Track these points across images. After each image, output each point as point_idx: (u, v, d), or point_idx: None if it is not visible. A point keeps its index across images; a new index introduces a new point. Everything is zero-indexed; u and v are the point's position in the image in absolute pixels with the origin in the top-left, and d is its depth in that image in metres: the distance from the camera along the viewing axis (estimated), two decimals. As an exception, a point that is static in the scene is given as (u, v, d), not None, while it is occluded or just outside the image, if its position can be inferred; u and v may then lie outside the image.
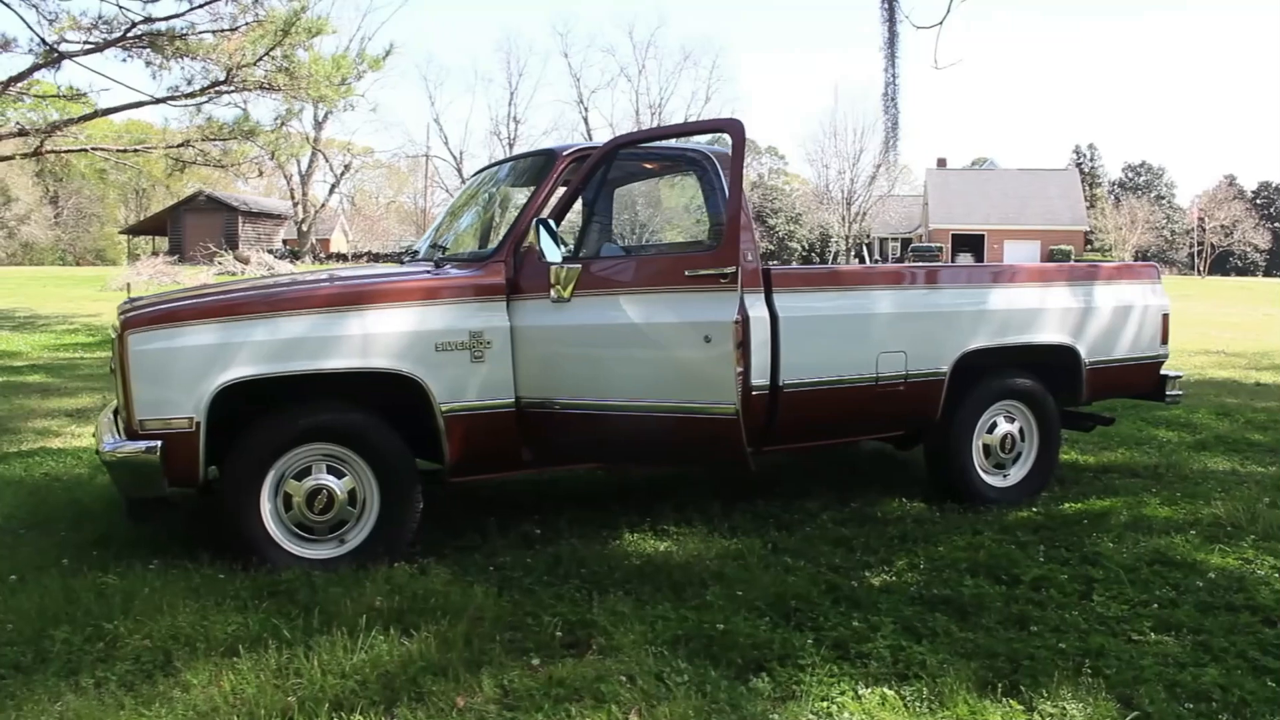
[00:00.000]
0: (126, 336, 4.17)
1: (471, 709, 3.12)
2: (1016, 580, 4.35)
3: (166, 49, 16.70)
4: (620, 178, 6.04)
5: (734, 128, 4.28)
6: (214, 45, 15.83)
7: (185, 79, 17.28)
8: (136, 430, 4.16)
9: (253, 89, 16.82)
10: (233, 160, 17.19)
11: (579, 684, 3.26)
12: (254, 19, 16.32)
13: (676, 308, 4.36)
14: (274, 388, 4.33)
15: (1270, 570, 4.49)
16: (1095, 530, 5.06)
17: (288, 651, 3.46)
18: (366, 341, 4.33)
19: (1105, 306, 5.89)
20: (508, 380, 4.53)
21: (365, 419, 4.42)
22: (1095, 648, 3.61)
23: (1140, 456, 6.98)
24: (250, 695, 3.16)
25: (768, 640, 3.60)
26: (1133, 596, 4.15)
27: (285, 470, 4.36)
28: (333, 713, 3.07)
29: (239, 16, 16.68)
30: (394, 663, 3.40)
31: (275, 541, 4.34)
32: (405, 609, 3.85)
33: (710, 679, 3.31)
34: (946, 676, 3.32)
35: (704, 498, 5.56)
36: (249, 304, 4.36)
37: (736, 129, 4.28)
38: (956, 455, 5.59)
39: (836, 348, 5.13)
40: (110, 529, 4.81)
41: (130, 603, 3.86)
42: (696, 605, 3.95)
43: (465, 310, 4.48)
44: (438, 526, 4.97)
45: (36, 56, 16.73)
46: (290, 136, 18.11)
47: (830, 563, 4.61)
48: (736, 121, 4.24)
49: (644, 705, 3.11)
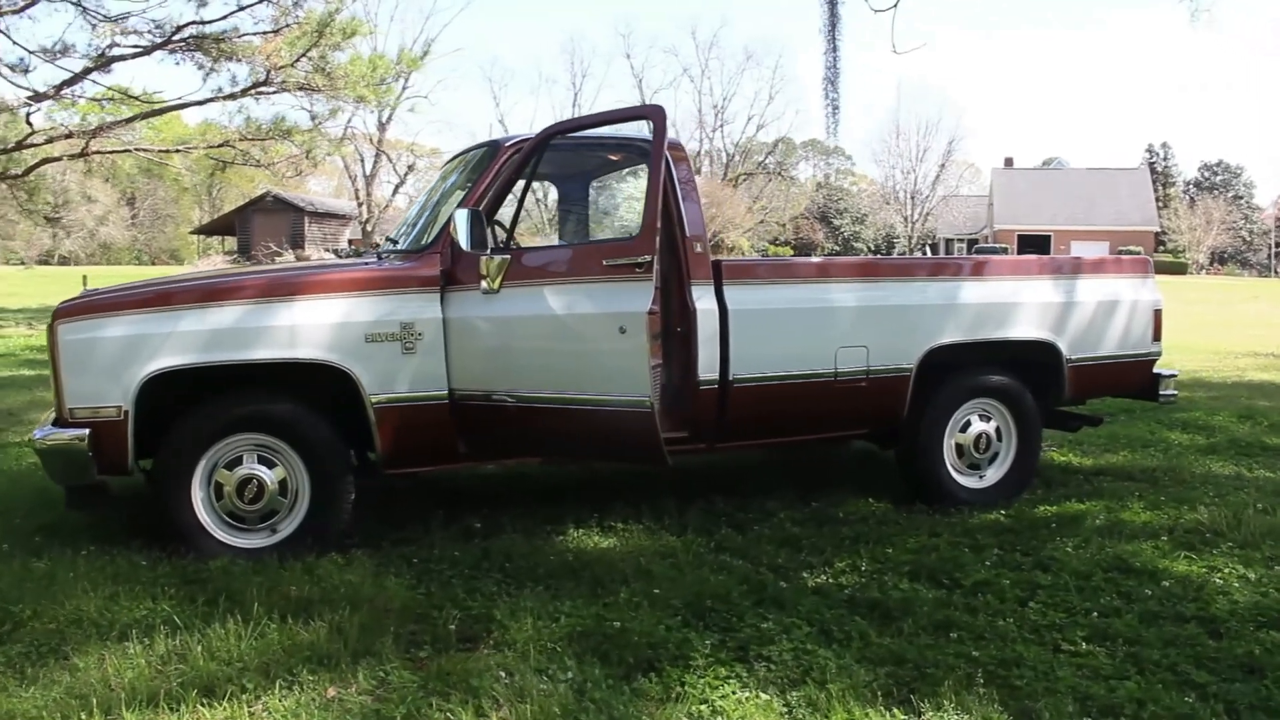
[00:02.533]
0: (56, 326, 4.21)
1: (341, 700, 3.07)
2: (956, 585, 4.19)
3: (212, 51, 17.05)
4: (593, 169, 5.98)
5: (655, 113, 4.18)
6: (254, 47, 16.09)
7: (231, 80, 17.66)
8: (66, 418, 4.20)
9: (293, 90, 17.06)
10: (269, 159, 17.51)
11: (457, 679, 3.19)
12: (293, 21, 16.56)
13: (595, 298, 4.27)
14: (205, 377, 4.33)
15: (1236, 579, 4.26)
16: (1061, 535, 4.86)
17: (181, 637, 3.46)
18: (295, 332, 4.32)
19: (1089, 301, 5.66)
20: (440, 372, 4.48)
21: (294, 409, 4.40)
22: (1013, 657, 3.44)
23: (1142, 459, 6.71)
24: (129, 679, 3.16)
25: (664, 640, 3.49)
26: (1075, 604, 3.96)
27: (217, 459, 4.37)
28: (201, 698, 3.05)
29: (280, 19, 16.96)
30: (279, 651, 3.37)
31: (207, 530, 4.35)
32: (315, 599, 3.82)
33: (593, 677, 3.22)
34: (837, 683, 3.19)
35: (662, 495, 5.45)
36: (177, 294, 4.38)
37: (658, 114, 4.19)
38: (925, 455, 5.41)
39: (791, 342, 5.00)
40: (63, 518, 4.86)
41: (49, 587, 3.90)
42: (608, 603, 3.87)
43: (396, 301, 4.45)
44: (384, 519, 4.96)
45: (89, 60, 17.19)
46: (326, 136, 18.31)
47: (771, 562, 4.48)
48: (658, 107, 4.15)
49: (514, 702, 3.03)
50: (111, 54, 17.35)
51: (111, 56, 17.33)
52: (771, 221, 72.27)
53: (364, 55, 18.31)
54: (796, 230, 71.49)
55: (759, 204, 71.27)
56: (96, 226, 70.11)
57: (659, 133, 4.21)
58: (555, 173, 5.92)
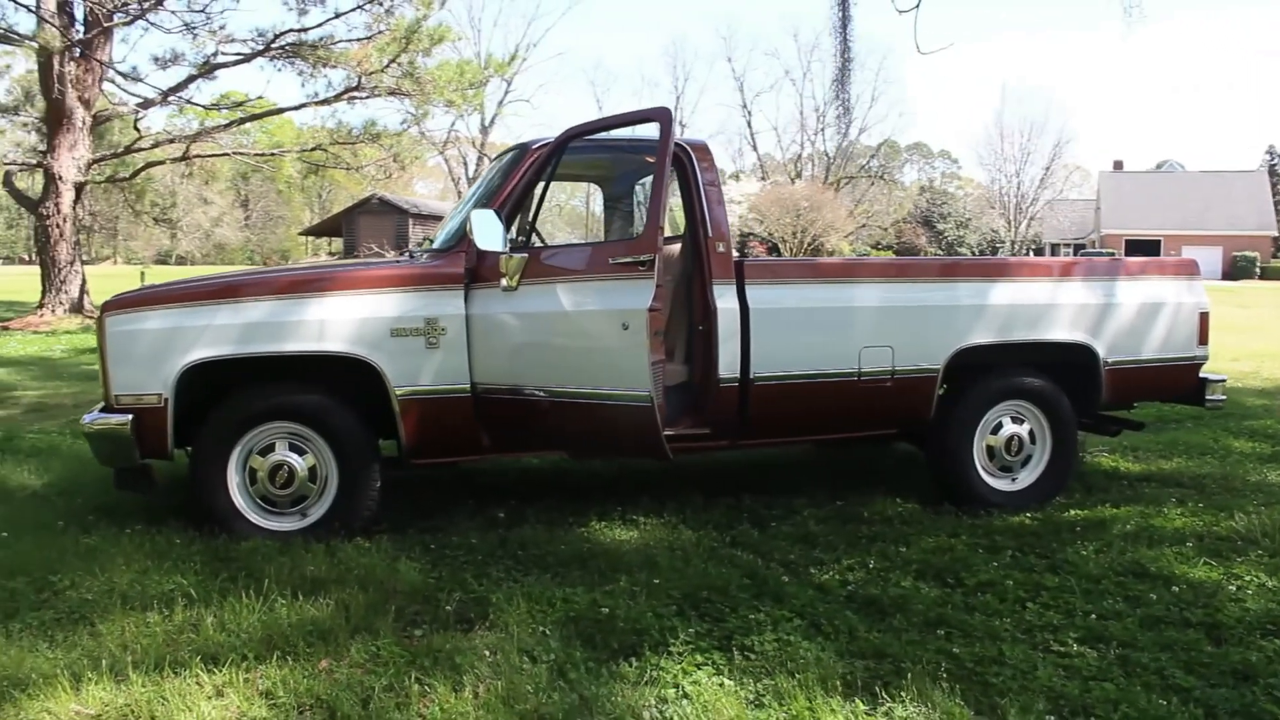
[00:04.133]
0: (104, 319, 4.52)
1: (331, 670, 3.26)
2: (960, 584, 4.19)
3: (309, 57, 17.71)
4: (632, 172, 6.09)
5: (662, 116, 4.29)
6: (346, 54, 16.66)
7: (328, 85, 18.33)
8: (112, 405, 4.50)
9: (383, 95, 17.59)
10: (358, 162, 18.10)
11: (444, 656, 3.35)
12: (385, 28, 17.08)
13: (601, 295, 4.40)
14: (240, 368, 4.59)
15: (1255, 587, 4.17)
16: (1084, 539, 4.80)
17: (198, 609, 3.69)
18: (324, 326, 4.55)
19: (1130, 304, 5.55)
20: (463, 366, 4.65)
21: (323, 400, 4.63)
22: (994, 655, 3.46)
23: (1196, 466, 6.53)
24: (143, 646, 3.40)
25: (649, 626, 3.59)
26: (1076, 606, 3.93)
27: (251, 446, 4.63)
28: (204, 664, 3.26)
29: (372, 25, 17.52)
30: (286, 625, 3.58)
31: (241, 513, 4.61)
32: (330, 578, 4.03)
33: (574, 659, 3.35)
34: (809, 673, 3.24)
35: (691, 491, 5.55)
36: (216, 290, 4.65)
37: (664, 116, 4.29)
38: (954, 456, 5.39)
39: (813, 341, 5.04)
40: (119, 501, 5.18)
41: (90, 561, 4.19)
42: (607, 590, 3.98)
43: (421, 298, 4.64)
44: (415, 509, 5.17)
45: (193, 68, 18.02)
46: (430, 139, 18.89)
47: (783, 558, 4.54)
48: (664, 110, 4.25)
49: (491, 679, 3.17)
50: (215, 61, 18.18)
51: (215, 64, 18.15)
52: (873, 225, 71.41)
53: (453, 61, 18.76)
54: (899, 234, 70.43)
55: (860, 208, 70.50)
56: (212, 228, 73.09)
57: (664, 135, 4.32)
58: (592, 175, 6.05)
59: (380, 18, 17.55)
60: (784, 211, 57.70)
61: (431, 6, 17.08)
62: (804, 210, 57.57)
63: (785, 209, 57.88)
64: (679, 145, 5.12)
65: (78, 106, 16.78)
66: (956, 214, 74.23)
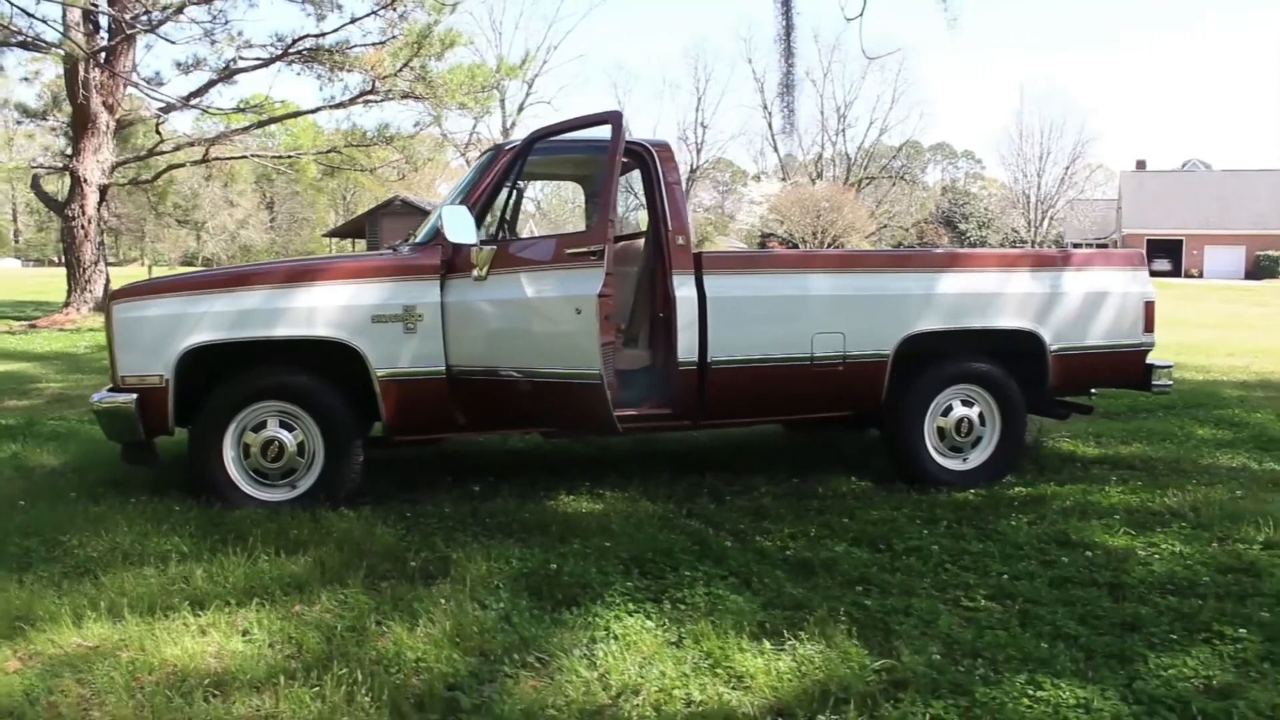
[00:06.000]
0: (111, 306, 4.95)
1: (301, 614, 3.65)
2: (890, 549, 4.53)
3: (326, 61, 18.22)
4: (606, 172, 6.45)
5: (614, 118, 4.67)
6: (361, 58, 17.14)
7: (344, 89, 18.84)
8: (119, 385, 4.93)
9: (397, 98, 18.06)
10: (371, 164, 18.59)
11: (404, 603, 3.74)
12: (398, 33, 17.55)
13: (558, 283, 4.78)
14: (235, 352, 5.00)
15: (1168, 554, 4.48)
16: (1020, 513, 5.12)
17: (189, 564, 4.10)
18: (312, 313, 4.95)
19: (1075, 293, 5.86)
20: (438, 350, 5.04)
21: (310, 381, 5.03)
22: (902, 606, 3.80)
23: (1154, 450, 6.81)
24: (139, 593, 3.80)
25: (591, 581, 3.97)
26: (992, 569, 4.26)
27: (245, 423, 5.04)
28: (191, 606, 3.67)
29: (386, 30, 18.00)
30: (267, 578, 3.98)
31: (236, 484, 5.02)
32: (310, 540, 4.44)
33: (519, 607, 3.73)
34: (728, 619, 3.61)
35: (659, 470, 5.91)
36: (215, 279, 5.07)
37: (616, 119, 4.67)
38: (906, 437, 5.72)
39: (767, 328, 5.39)
40: (125, 474, 5.60)
41: (97, 525, 4.61)
42: (562, 552, 4.35)
43: (399, 287, 5.03)
44: (399, 483, 5.57)
45: (213, 73, 18.57)
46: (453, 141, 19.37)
47: (733, 527, 4.89)
48: (616, 113, 4.63)
49: (443, 621, 3.56)
50: (235, 66, 18.72)
51: (235, 69, 18.69)
52: (894, 226, 71.50)
53: (464, 65, 19.22)
54: (920, 235, 70.46)
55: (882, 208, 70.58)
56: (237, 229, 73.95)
57: (615, 136, 4.69)
58: (570, 173, 6.42)
59: (394, 23, 18.03)
60: (804, 212, 57.96)
61: (443, 12, 17.51)
62: (824, 211, 57.84)
63: (806, 209, 58.14)
64: (642, 145, 5.49)
65: (102, 111, 17.36)
66: (978, 214, 74.09)
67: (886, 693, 3.09)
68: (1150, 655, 3.38)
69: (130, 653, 3.30)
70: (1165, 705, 3.03)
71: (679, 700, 3.05)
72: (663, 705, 3.02)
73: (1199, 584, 4.05)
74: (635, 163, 5.56)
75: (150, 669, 3.18)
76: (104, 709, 2.94)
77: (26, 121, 21.81)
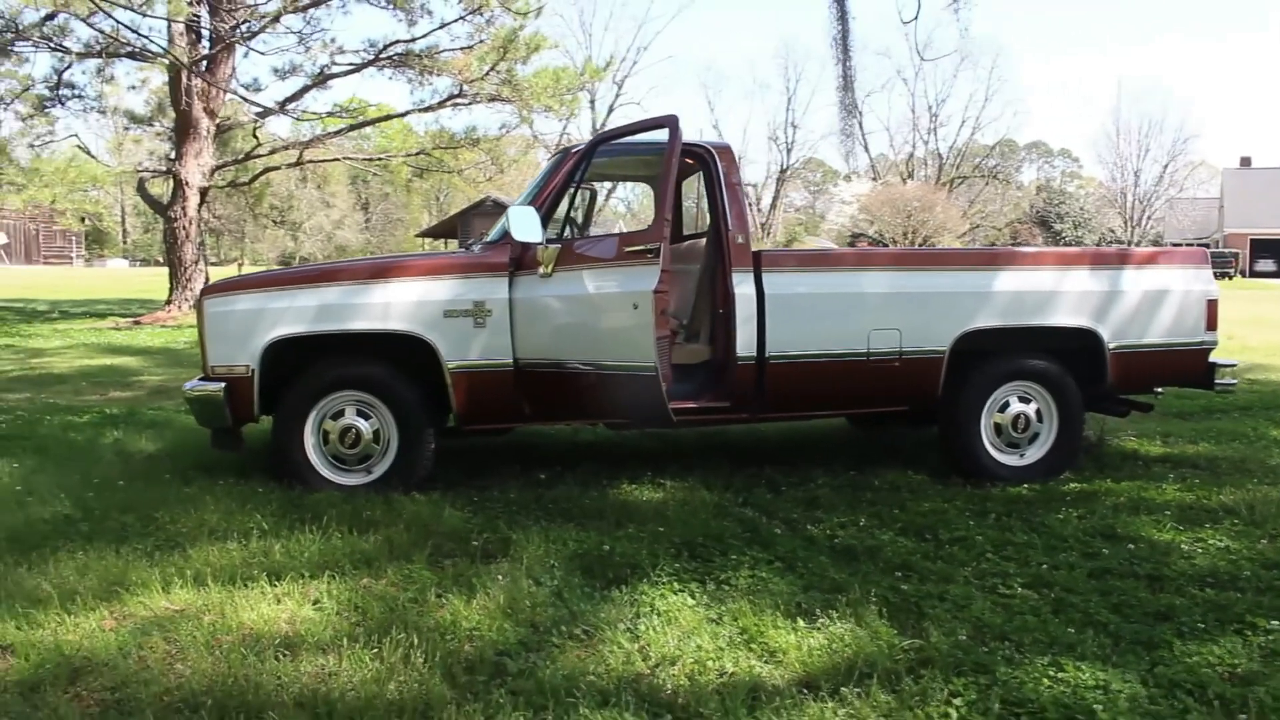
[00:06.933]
0: (202, 301, 5.34)
1: (369, 586, 3.94)
2: (935, 539, 4.65)
3: (416, 66, 18.78)
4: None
5: (671, 122, 4.89)
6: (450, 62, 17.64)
7: (433, 93, 19.40)
8: (209, 374, 5.31)
9: (484, 101, 18.53)
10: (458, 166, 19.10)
11: (464, 579, 4.00)
12: (485, 38, 18.01)
13: (617, 279, 5.01)
14: (316, 345, 5.34)
15: (1213, 549, 4.51)
16: (1071, 507, 5.18)
17: (269, 540, 4.43)
18: (387, 308, 5.26)
19: (1134, 291, 5.87)
20: (506, 343, 5.31)
21: (386, 372, 5.35)
22: (939, 591, 3.93)
23: (1221, 450, 6.75)
24: (222, 564, 4.14)
25: (641, 562, 4.19)
26: (1031, 559, 4.36)
27: (325, 412, 5.37)
28: (268, 577, 3.99)
29: (474, 35, 18.48)
30: (339, 554, 4.28)
31: (315, 469, 5.36)
32: (382, 521, 4.74)
33: (571, 585, 3.96)
34: (765, 597, 3.79)
35: (719, 461, 6.10)
36: (297, 277, 5.41)
37: (673, 122, 4.88)
38: (962, 432, 5.81)
39: (823, 324, 5.54)
40: (215, 459, 5.98)
41: (187, 504, 4.99)
42: (617, 535, 4.58)
43: (470, 284, 5.31)
44: (470, 470, 5.86)
45: (308, 78, 19.28)
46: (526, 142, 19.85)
47: (786, 516, 5.05)
48: (673, 116, 4.84)
49: (497, 593, 3.81)
50: (329, 72, 19.42)
51: (328, 74, 19.38)
52: (987, 225, 70.29)
53: (550, 68, 19.58)
54: (1014, 235, 69.12)
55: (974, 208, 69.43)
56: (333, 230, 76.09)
57: (673, 139, 4.91)
58: (640, 174, 6.65)
59: (481, 28, 18.50)
60: (895, 212, 57.38)
61: (528, 16, 17.91)
62: (915, 210, 57.16)
63: (896, 209, 57.55)
64: (704, 147, 5.69)
65: (203, 117, 18.17)
66: (1074, 214, 72.37)
67: (911, 670, 3.24)
68: (1176, 643, 3.45)
69: (211, 616, 3.62)
70: (1183, 689, 3.12)
71: (713, 671, 3.25)
72: (697, 675, 3.21)
73: (1240, 578, 4.09)
74: (698, 164, 5.76)
75: (228, 630, 3.50)
76: (186, 663, 3.26)
77: (134, 127, 22.94)
